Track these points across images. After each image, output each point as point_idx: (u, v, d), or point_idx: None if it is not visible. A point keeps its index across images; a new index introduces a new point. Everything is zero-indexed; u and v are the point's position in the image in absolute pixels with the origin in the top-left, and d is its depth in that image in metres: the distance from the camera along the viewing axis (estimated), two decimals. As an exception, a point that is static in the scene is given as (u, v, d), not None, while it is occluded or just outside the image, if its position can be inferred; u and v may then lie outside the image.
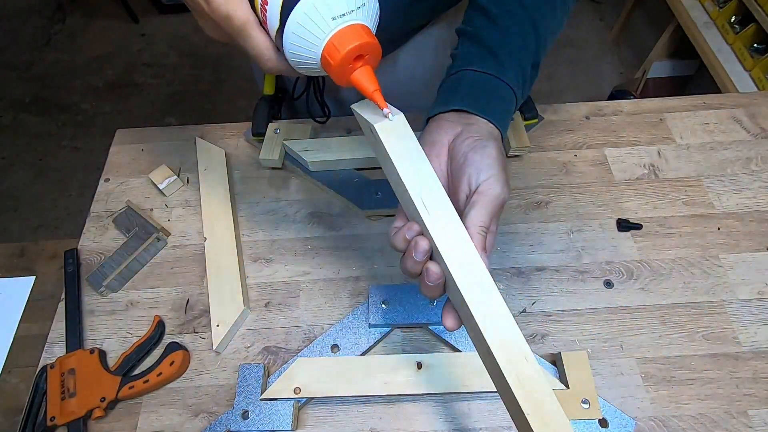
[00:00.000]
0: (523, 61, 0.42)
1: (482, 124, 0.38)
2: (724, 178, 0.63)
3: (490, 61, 0.41)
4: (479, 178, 0.34)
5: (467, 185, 0.35)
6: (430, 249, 0.32)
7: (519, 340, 0.30)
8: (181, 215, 0.64)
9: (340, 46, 0.30)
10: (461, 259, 0.31)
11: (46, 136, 2.00)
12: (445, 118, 0.39)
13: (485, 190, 0.34)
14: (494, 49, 0.41)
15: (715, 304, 0.54)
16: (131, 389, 0.50)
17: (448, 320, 0.34)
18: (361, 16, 0.31)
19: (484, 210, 0.33)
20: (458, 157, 0.36)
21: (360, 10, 0.31)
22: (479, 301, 0.30)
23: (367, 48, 0.31)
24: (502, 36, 0.42)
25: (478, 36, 0.43)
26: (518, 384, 0.29)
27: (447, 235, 0.31)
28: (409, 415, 0.49)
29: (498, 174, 0.34)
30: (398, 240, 0.34)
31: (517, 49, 0.42)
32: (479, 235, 0.32)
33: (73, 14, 2.44)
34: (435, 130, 0.39)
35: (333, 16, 0.30)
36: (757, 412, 0.47)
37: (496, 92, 0.40)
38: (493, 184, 0.34)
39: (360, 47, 0.31)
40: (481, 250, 0.32)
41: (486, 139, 0.36)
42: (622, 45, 2.11)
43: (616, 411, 0.46)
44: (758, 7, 1.33)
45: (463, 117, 0.39)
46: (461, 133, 0.37)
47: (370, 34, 0.31)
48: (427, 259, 0.33)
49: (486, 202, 0.33)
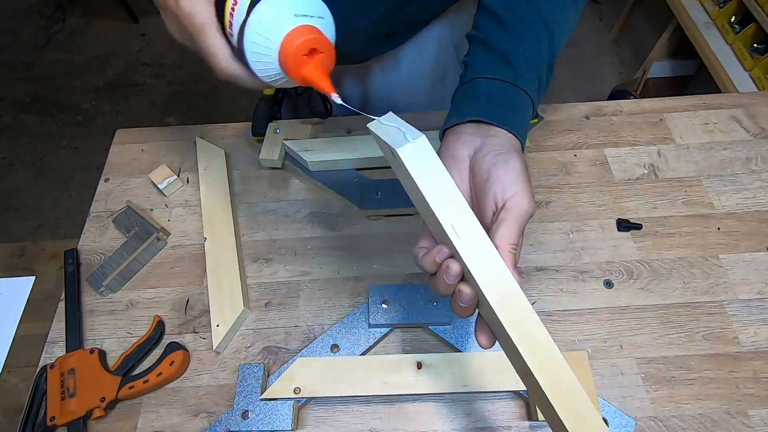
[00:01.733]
0: (538, 65, 0.41)
1: (502, 135, 0.37)
2: (724, 178, 0.63)
3: (504, 68, 0.40)
4: (505, 194, 0.34)
5: (493, 202, 0.34)
6: (462, 272, 0.32)
7: (559, 359, 0.30)
8: (181, 215, 0.64)
9: (297, 36, 0.33)
10: (494, 282, 0.31)
11: (46, 136, 2.00)
12: (463, 131, 0.38)
13: (512, 207, 0.33)
14: (508, 56, 0.40)
15: (715, 304, 0.54)
16: (131, 389, 0.50)
17: (483, 338, 0.34)
18: (320, 25, 0.34)
19: (513, 227, 0.33)
20: (481, 173, 0.35)
21: (320, 20, 0.34)
22: (516, 322, 0.30)
23: (323, 45, 0.34)
24: (515, 41, 0.41)
25: (491, 42, 0.41)
26: (561, 404, 0.29)
27: (479, 258, 0.31)
28: (409, 415, 0.49)
29: (524, 188, 0.34)
30: (427, 263, 0.34)
31: (532, 54, 0.41)
32: (510, 254, 0.32)
33: (73, 14, 2.44)
34: (454, 144, 0.38)
35: (295, 13, 0.33)
36: (757, 412, 0.47)
37: (513, 100, 0.39)
38: (520, 199, 0.33)
39: (316, 40, 0.33)
40: (513, 267, 0.32)
41: (508, 153, 0.35)
42: (622, 45, 2.11)
43: (616, 411, 0.46)
44: (758, 7, 1.33)
45: (482, 128, 0.38)
46: (481, 146, 0.36)
47: (326, 37, 0.34)
48: (458, 281, 0.33)
49: (514, 218, 0.33)
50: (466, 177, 0.37)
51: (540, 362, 0.30)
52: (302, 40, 0.33)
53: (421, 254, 0.35)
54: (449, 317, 0.51)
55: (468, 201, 0.35)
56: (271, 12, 0.33)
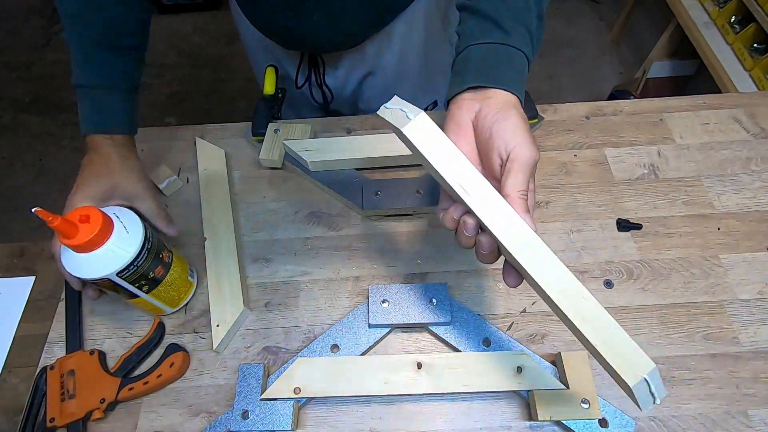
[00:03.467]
0: (527, 19, 0.42)
1: (499, 95, 0.39)
2: (724, 178, 0.63)
3: (493, 30, 0.42)
4: (508, 146, 0.36)
5: (498, 156, 0.37)
6: (478, 224, 0.36)
7: (574, 283, 0.34)
8: (181, 215, 0.64)
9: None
10: (507, 228, 0.34)
11: (46, 136, 2.00)
12: (463, 98, 0.40)
13: (516, 157, 0.36)
14: (495, 17, 0.42)
15: (715, 304, 0.54)
16: (131, 391, 0.50)
17: (510, 279, 0.37)
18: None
19: (519, 174, 0.36)
20: (484, 132, 0.38)
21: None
22: (532, 260, 0.34)
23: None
24: (502, 3, 0.42)
25: (477, 8, 0.43)
26: (581, 320, 0.33)
27: (489, 209, 0.35)
28: (409, 415, 0.49)
29: (524, 138, 0.36)
30: (447, 220, 0.38)
31: (518, 10, 0.42)
32: (520, 199, 0.35)
33: (73, 14, 2.44)
34: (456, 112, 0.40)
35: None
36: (757, 412, 0.47)
37: (505, 60, 0.41)
38: (521, 149, 0.36)
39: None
40: (524, 212, 0.35)
41: (505, 110, 0.38)
42: (622, 45, 2.11)
43: (616, 411, 0.46)
44: (758, 7, 1.33)
45: (480, 92, 0.40)
46: (481, 109, 0.39)
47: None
48: (476, 232, 0.36)
49: (519, 167, 0.36)
50: (471, 140, 0.40)
51: (561, 292, 0.34)
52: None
53: (442, 214, 0.39)
54: (449, 317, 0.51)
55: (476, 160, 0.39)
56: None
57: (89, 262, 0.44)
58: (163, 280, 0.51)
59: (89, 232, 0.42)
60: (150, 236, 0.48)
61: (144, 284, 0.49)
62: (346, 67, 0.74)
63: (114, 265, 0.44)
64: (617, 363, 0.32)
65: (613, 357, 0.33)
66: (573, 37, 2.16)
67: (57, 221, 0.40)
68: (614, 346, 0.33)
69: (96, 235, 0.42)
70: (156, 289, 0.51)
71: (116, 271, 0.45)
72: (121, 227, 0.45)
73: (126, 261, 0.45)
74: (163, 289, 0.51)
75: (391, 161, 0.64)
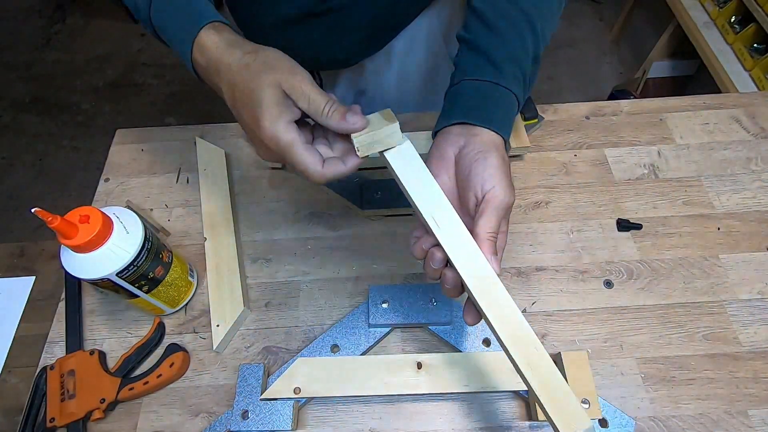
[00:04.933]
0: (522, 61, 0.43)
1: (484, 134, 0.39)
2: (724, 178, 0.63)
3: (487, 68, 0.42)
4: (485, 187, 0.37)
5: (474, 195, 0.38)
6: (446, 258, 0.36)
7: (528, 333, 0.34)
8: (181, 215, 0.64)
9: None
10: (471, 267, 0.35)
11: (46, 136, 2.00)
12: (450, 132, 0.41)
13: (491, 198, 0.37)
14: (491, 56, 0.42)
15: (715, 304, 0.54)
16: (131, 391, 0.50)
17: (468, 317, 0.37)
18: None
19: (491, 216, 0.36)
20: (464, 170, 0.39)
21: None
22: (489, 303, 0.35)
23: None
24: (499, 41, 0.43)
25: (476, 43, 0.44)
26: (528, 368, 0.33)
27: (457, 246, 0.36)
28: (409, 415, 0.49)
29: (501, 181, 0.37)
30: (417, 250, 0.38)
31: (514, 50, 0.43)
32: (488, 241, 0.36)
33: (73, 14, 2.44)
34: (442, 144, 0.41)
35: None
36: (757, 412, 0.47)
37: (495, 99, 0.41)
38: (497, 191, 0.37)
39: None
40: (491, 254, 0.35)
41: (487, 150, 0.38)
42: (622, 45, 2.11)
43: (616, 411, 0.46)
44: (758, 7, 1.33)
45: (466, 129, 0.40)
46: (465, 145, 0.39)
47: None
48: (443, 266, 0.37)
49: (492, 209, 0.36)
50: (452, 173, 0.40)
51: (512, 337, 0.34)
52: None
53: (413, 242, 0.39)
54: (449, 317, 0.51)
55: (454, 195, 0.40)
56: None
57: (89, 263, 0.44)
58: (163, 280, 0.51)
59: (89, 233, 0.42)
60: (150, 236, 0.48)
61: (144, 284, 0.49)
62: (345, 84, 0.74)
63: (114, 266, 0.44)
64: (556, 415, 0.32)
65: (554, 409, 0.33)
66: (573, 37, 2.16)
67: (57, 221, 0.40)
68: (556, 397, 0.33)
69: (96, 235, 0.42)
70: (156, 289, 0.51)
71: (116, 272, 0.45)
72: (121, 227, 0.45)
73: (126, 261, 0.45)
74: (163, 289, 0.51)
75: (391, 161, 0.64)
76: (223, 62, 0.40)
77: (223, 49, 0.40)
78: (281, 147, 0.37)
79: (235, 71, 0.39)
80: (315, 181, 0.38)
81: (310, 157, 0.37)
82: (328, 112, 0.37)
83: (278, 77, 0.37)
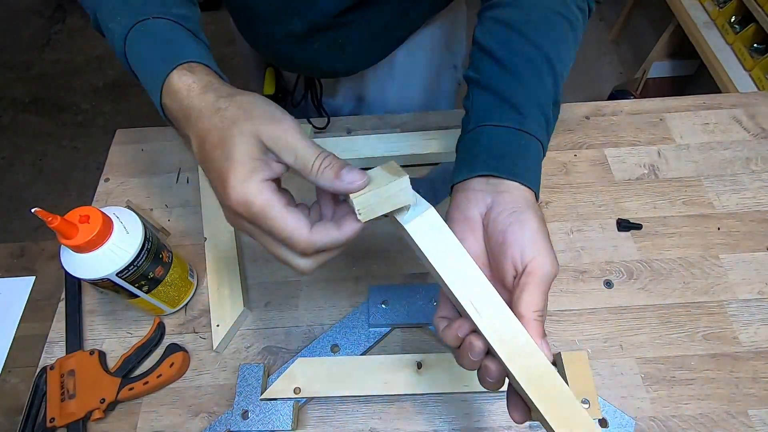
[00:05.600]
0: (544, 104, 0.39)
1: (513, 189, 0.34)
2: (724, 178, 0.63)
3: (509, 112, 0.38)
4: (525, 258, 0.31)
5: (512, 266, 0.32)
6: (486, 348, 0.30)
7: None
8: (181, 215, 0.64)
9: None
10: (522, 361, 0.30)
11: (46, 136, 2.00)
12: (473, 188, 0.36)
13: (533, 270, 0.31)
14: (512, 99, 0.38)
15: (715, 304, 0.54)
16: (131, 391, 0.50)
17: (516, 414, 0.32)
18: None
19: (536, 292, 0.31)
20: (496, 235, 0.33)
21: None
22: (548, 400, 0.29)
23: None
24: (517, 83, 0.39)
25: (491, 85, 0.39)
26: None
27: (502, 335, 0.30)
28: (409, 415, 0.49)
29: (544, 249, 0.32)
30: (449, 337, 0.32)
31: (536, 94, 0.39)
32: (536, 321, 0.30)
33: (73, 14, 2.44)
34: (464, 204, 0.35)
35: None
36: (757, 412, 0.47)
37: (521, 147, 0.37)
38: (541, 262, 0.31)
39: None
40: (540, 337, 0.30)
41: (522, 211, 0.33)
42: (622, 45, 2.11)
43: (616, 411, 0.46)
44: (758, 7, 1.33)
45: (492, 183, 0.35)
46: (493, 205, 0.34)
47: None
48: (483, 356, 0.31)
49: (537, 283, 0.31)
50: (480, 237, 0.35)
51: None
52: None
53: (443, 326, 0.33)
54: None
55: (484, 261, 0.34)
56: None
57: (89, 263, 0.44)
58: (163, 280, 0.51)
59: (89, 233, 0.42)
60: (150, 236, 0.48)
61: (144, 284, 0.49)
62: (345, 91, 0.74)
63: (114, 266, 0.44)
64: None
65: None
66: (573, 37, 2.16)
67: (57, 221, 0.40)
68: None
69: (96, 235, 0.42)
70: (156, 289, 0.51)
71: (116, 272, 0.45)
72: (121, 227, 0.45)
73: (126, 261, 0.45)
74: (163, 289, 0.51)
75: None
76: (193, 107, 0.34)
77: (195, 92, 0.34)
78: (254, 212, 0.30)
79: (206, 118, 0.33)
80: (301, 252, 0.31)
81: (293, 221, 0.30)
82: (319, 168, 0.30)
83: (258, 127, 0.31)
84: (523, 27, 0.41)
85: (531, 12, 0.42)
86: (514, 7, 0.43)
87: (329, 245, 0.31)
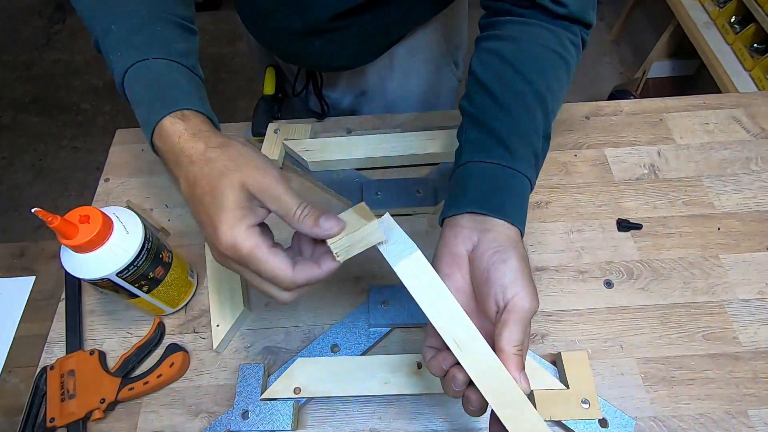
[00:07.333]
0: (534, 140, 0.40)
1: (499, 227, 0.37)
2: (724, 178, 0.63)
3: (498, 149, 0.39)
4: (506, 295, 0.34)
5: (494, 303, 0.35)
6: (468, 379, 0.33)
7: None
8: (181, 215, 0.64)
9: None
10: (499, 394, 0.33)
11: (46, 136, 2.00)
12: (461, 224, 0.38)
13: (513, 308, 0.33)
14: (501, 135, 0.39)
15: (715, 304, 0.54)
16: (131, 391, 0.50)
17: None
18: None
19: (516, 328, 0.33)
20: (480, 273, 0.35)
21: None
22: (521, 429, 0.32)
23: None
24: (509, 119, 0.40)
25: (482, 119, 0.41)
26: None
27: (481, 369, 0.33)
28: (409, 415, 0.49)
29: (524, 287, 0.34)
30: (435, 368, 0.35)
31: (526, 130, 0.40)
32: (515, 356, 0.33)
33: (73, 14, 2.43)
34: (452, 241, 0.38)
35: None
36: (757, 412, 0.47)
37: (508, 184, 0.39)
38: (521, 299, 0.34)
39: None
40: (518, 370, 0.32)
41: (505, 250, 0.35)
42: (622, 45, 2.11)
43: (616, 411, 0.46)
44: (758, 7, 1.33)
45: (479, 221, 0.37)
46: (479, 242, 0.36)
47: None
48: (465, 387, 0.34)
49: (517, 319, 0.33)
50: (466, 273, 0.37)
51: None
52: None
53: (429, 356, 0.36)
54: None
55: (470, 296, 0.37)
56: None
57: (89, 263, 0.44)
58: (163, 280, 0.51)
59: (89, 233, 0.42)
60: (150, 236, 0.48)
61: (144, 284, 0.49)
62: (345, 85, 0.74)
63: (114, 266, 0.44)
64: None
65: None
66: (573, 37, 2.16)
67: (57, 221, 0.40)
68: None
69: (96, 235, 0.42)
70: (156, 289, 0.51)
71: (116, 272, 0.45)
72: (121, 227, 0.45)
73: (126, 261, 0.45)
74: (163, 289, 0.51)
75: (391, 161, 0.64)
76: (184, 154, 0.37)
77: (186, 139, 0.37)
78: (243, 255, 0.33)
79: (196, 166, 0.36)
80: (285, 288, 0.35)
81: (277, 261, 0.34)
82: (299, 216, 0.34)
83: (245, 177, 0.34)
84: (516, 61, 0.42)
85: (526, 47, 0.43)
86: (510, 41, 0.44)
87: (310, 281, 0.35)
